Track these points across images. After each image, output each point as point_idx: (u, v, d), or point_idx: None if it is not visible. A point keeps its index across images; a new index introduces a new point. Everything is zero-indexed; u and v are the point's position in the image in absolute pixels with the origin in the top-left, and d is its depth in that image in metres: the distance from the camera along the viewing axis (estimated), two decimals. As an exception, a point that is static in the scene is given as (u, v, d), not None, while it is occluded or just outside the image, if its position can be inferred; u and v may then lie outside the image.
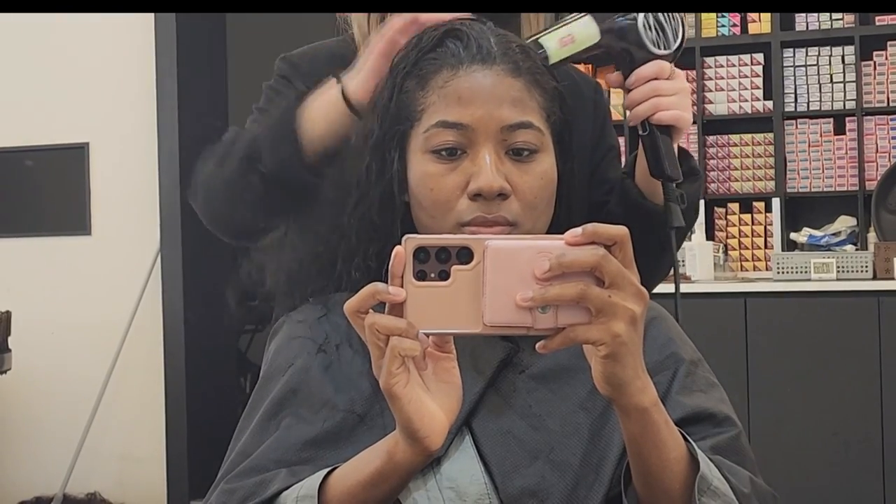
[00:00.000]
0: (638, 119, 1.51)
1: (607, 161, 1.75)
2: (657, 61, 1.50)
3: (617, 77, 1.53)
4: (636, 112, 1.50)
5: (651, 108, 1.49)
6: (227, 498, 1.23)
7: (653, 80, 1.49)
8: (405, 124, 1.30)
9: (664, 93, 1.49)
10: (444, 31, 1.32)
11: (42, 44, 5.16)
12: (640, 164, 1.57)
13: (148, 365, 5.02)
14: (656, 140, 1.51)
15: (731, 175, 5.15)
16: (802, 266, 4.59)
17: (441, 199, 1.27)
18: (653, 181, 1.54)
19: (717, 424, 1.26)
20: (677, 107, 1.50)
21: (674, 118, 1.50)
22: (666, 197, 1.53)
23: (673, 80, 1.51)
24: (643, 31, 1.47)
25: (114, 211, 5.11)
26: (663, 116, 1.49)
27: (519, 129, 1.26)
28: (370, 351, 1.06)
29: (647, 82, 1.49)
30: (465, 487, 1.21)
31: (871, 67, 4.97)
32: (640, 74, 1.49)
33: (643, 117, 1.50)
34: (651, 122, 1.50)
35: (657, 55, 1.50)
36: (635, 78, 1.50)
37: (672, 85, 1.50)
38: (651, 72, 1.49)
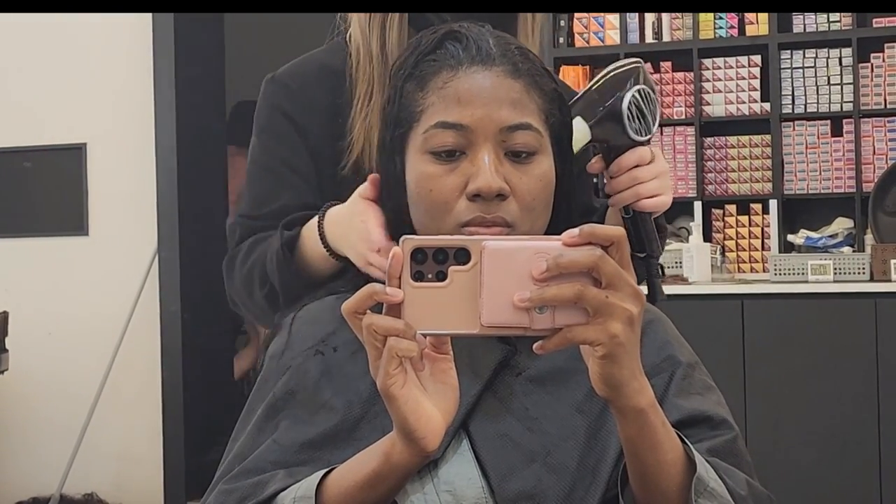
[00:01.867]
0: (620, 205, 1.54)
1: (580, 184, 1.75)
2: (637, 149, 1.51)
3: (598, 164, 1.55)
4: (618, 198, 1.53)
5: (633, 195, 1.52)
6: (225, 498, 1.23)
7: (633, 168, 1.52)
8: (405, 125, 1.30)
9: (645, 179, 1.52)
10: (443, 33, 1.32)
11: (40, 44, 5.16)
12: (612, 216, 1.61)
13: (145, 365, 5.01)
14: (638, 224, 1.54)
15: (728, 177, 5.16)
16: (799, 268, 4.59)
17: (440, 199, 1.27)
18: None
19: (714, 427, 1.26)
20: (658, 191, 1.53)
21: (654, 205, 1.53)
22: (648, 273, 1.56)
23: (653, 163, 1.53)
24: (627, 122, 1.49)
25: (111, 211, 5.10)
26: (646, 204, 1.52)
27: (518, 131, 1.26)
28: (367, 352, 1.06)
29: (629, 171, 1.52)
30: (461, 490, 1.21)
31: (868, 69, 4.97)
32: (622, 164, 1.52)
33: (625, 203, 1.53)
34: (633, 209, 1.53)
35: (638, 142, 1.51)
36: (617, 167, 1.52)
37: (652, 169, 1.52)
38: (632, 161, 1.51)
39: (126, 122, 5.07)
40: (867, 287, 4.44)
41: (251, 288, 1.64)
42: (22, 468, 5.15)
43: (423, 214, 1.29)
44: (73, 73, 5.12)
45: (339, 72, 1.65)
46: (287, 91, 1.68)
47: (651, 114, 1.51)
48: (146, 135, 5.02)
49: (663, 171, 1.55)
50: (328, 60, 1.69)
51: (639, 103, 1.49)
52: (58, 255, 5.15)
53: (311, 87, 1.67)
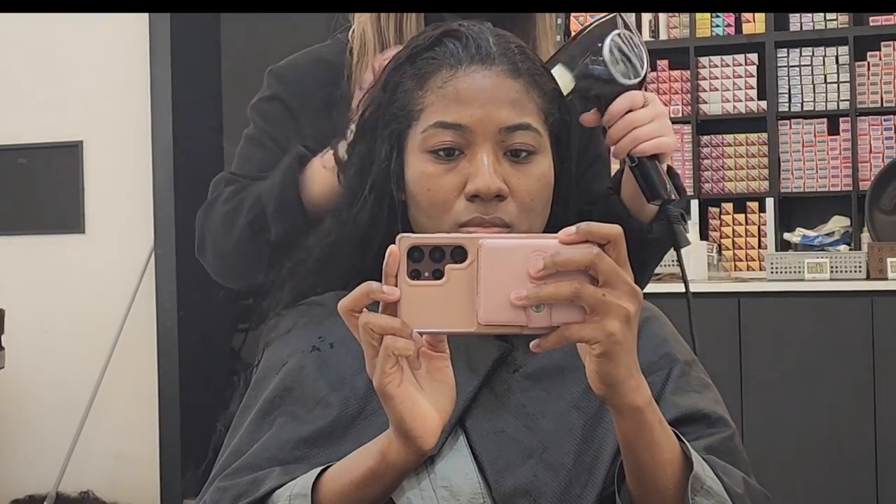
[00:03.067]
0: (621, 154, 1.51)
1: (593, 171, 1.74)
2: (628, 94, 1.49)
3: (593, 116, 1.52)
4: (618, 148, 1.50)
5: (631, 141, 1.49)
6: (220, 496, 1.22)
7: (627, 112, 1.49)
8: (403, 123, 1.30)
9: (641, 123, 1.49)
10: (443, 30, 1.31)
11: (37, 42, 5.15)
12: (627, 182, 1.57)
13: (141, 363, 5.01)
14: (646, 169, 1.50)
15: (724, 175, 5.16)
16: (796, 266, 4.59)
17: (438, 199, 1.26)
18: (639, 198, 1.54)
19: (711, 425, 1.26)
20: (657, 133, 1.50)
21: (656, 146, 1.49)
22: (668, 220, 1.53)
23: (648, 107, 1.50)
24: (612, 66, 1.47)
25: (108, 209, 5.10)
26: (645, 147, 1.49)
27: (517, 131, 1.26)
28: (364, 350, 1.06)
29: (623, 117, 1.49)
30: (458, 486, 1.21)
31: (864, 68, 4.98)
32: (614, 111, 1.49)
33: (625, 152, 1.50)
34: (635, 154, 1.50)
35: (627, 86, 1.49)
36: (610, 115, 1.50)
37: (647, 113, 1.50)
38: (624, 105, 1.49)
39: (123, 120, 5.07)
40: (864, 285, 4.44)
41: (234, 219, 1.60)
42: (18, 466, 5.15)
43: (422, 214, 1.29)
44: (70, 71, 5.11)
45: (337, 66, 1.65)
46: (284, 81, 1.69)
47: (637, 56, 1.49)
48: (143, 132, 5.02)
49: (660, 112, 1.51)
50: (327, 55, 1.69)
51: (620, 47, 1.48)
52: (54, 252, 5.15)
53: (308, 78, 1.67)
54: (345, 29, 1.71)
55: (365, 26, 1.65)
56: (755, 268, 5.09)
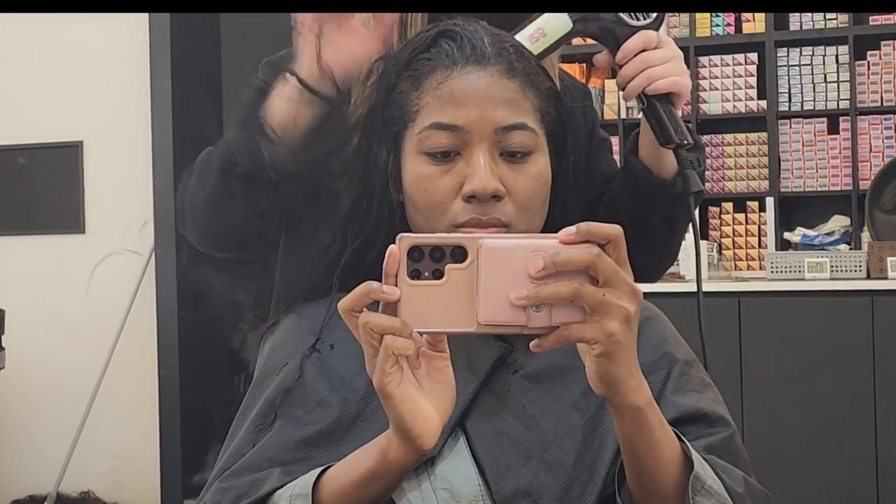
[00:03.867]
0: (634, 94, 1.48)
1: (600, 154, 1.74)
2: (642, 32, 1.47)
3: (605, 57, 1.50)
4: (631, 87, 1.48)
5: (645, 80, 1.47)
6: (221, 497, 1.22)
7: (641, 51, 1.47)
8: (399, 125, 1.30)
9: (655, 62, 1.47)
10: (438, 31, 1.31)
11: (36, 42, 5.15)
12: (644, 139, 1.55)
13: (142, 364, 5.01)
14: (657, 110, 1.48)
15: (724, 174, 5.16)
16: (796, 265, 4.59)
17: (435, 200, 1.26)
18: (658, 154, 1.52)
19: (711, 424, 1.26)
20: (672, 73, 1.48)
21: (671, 84, 1.47)
22: (680, 164, 1.50)
23: (663, 48, 1.48)
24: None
25: (108, 209, 5.10)
26: (660, 85, 1.47)
27: (513, 131, 1.26)
28: (364, 350, 1.06)
29: (636, 55, 1.47)
30: (458, 488, 1.21)
31: (864, 67, 4.98)
32: (628, 49, 1.47)
33: (638, 90, 1.48)
34: (648, 93, 1.47)
35: (638, 27, 1.47)
36: (623, 53, 1.47)
37: (663, 53, 1.48)
38: (638, 44, 1.47)
39: (123, 120, 5.07)
40: (864, 285, 4.44)
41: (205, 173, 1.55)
42: (19, 466, 5.15)
43: (419, 215, 1.29)
44: (70, 71, 5.11)
45: None
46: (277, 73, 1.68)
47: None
48: (143, 133, 5.02)
49: (675, 55, 1.49)
50: None
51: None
52: (54, 252, 5.15)
53: None
54: None
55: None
56: (755, 267, 5.08)
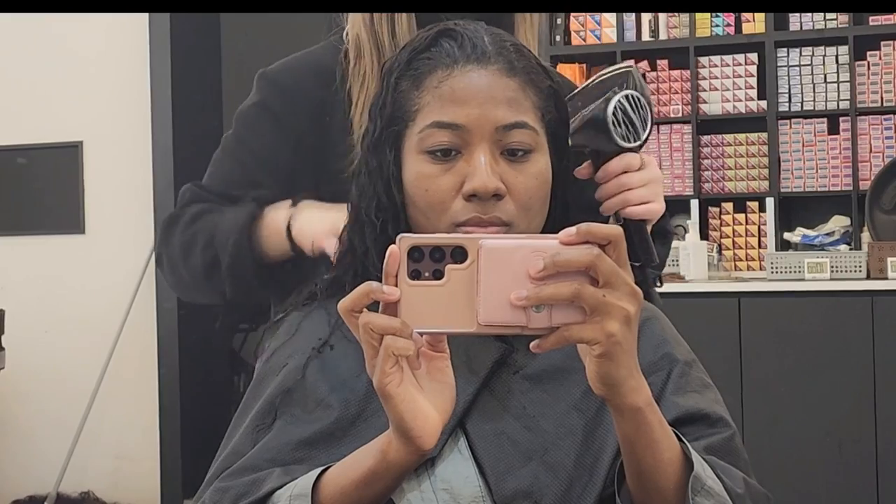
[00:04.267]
0: (609, 212, 1.52)
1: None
2: (625, 156, 1.49)
3: (587, 169, 1.52)
4: (607, 206, 1.51)
5: (620, 202, 1.50)
6: (221, 497, 1.22)
7: (621, 174, 1.49)
8: (400, 124, 1.30)
9: (633, 186, 1.49)
10: (438, 30, 1.31)
11: (36, 42, 5.15)
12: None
13: (142, 364, 5.01)
14: (630, 232, 1.48)
15: (725, 175, 5.16)
16: (796, 266, 4.59)
17: (436, 199, 1.26)
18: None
19: (711, 425, 1.26)
20: (647, 198, 1.50)
21: (643, 212, 1.51)
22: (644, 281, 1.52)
23: (643, 170, 1.51)
24: (612, 128, 1.46)
25: (108, 210, 5.10)
26: (633, 211, 1.50)
27: (514, 130, 1.26)
28: (364, 350, 1.06)
29: (616, 177, 1.49)
30: (459, 488, 1.21)
31: (864, 67, 4.97)
32: (608, 170, 1.49)
33: (614, 211, 1.51)
34: (622, 215, 1.51)
35: (626, 149, 1.49)
36: (604, 173, 1.50)
37: (641, 176, 1.50)
38: (619, 167, 1.49)
39: (123, 121, 5.07)
40: (864, 285, 4.44)
41: (191, 251, 1.63)
42: (19, 466, 5.15)
43: (420, 214, 1.29)
44: (70, 72, 5.11)
45: (330, 70, 1.66)
46: (273, 86, 1.69)
47: (640, 119, 1.48)
48: (143, 133, 5.02)
49: (654, 178, 1.52)
50: (320, 58, 1.69)
51: (625, 108, 1.46)
52: (54, 253, 5.15)
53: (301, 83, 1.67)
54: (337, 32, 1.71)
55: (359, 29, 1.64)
56: (755, 267, 5.08)
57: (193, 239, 1.63)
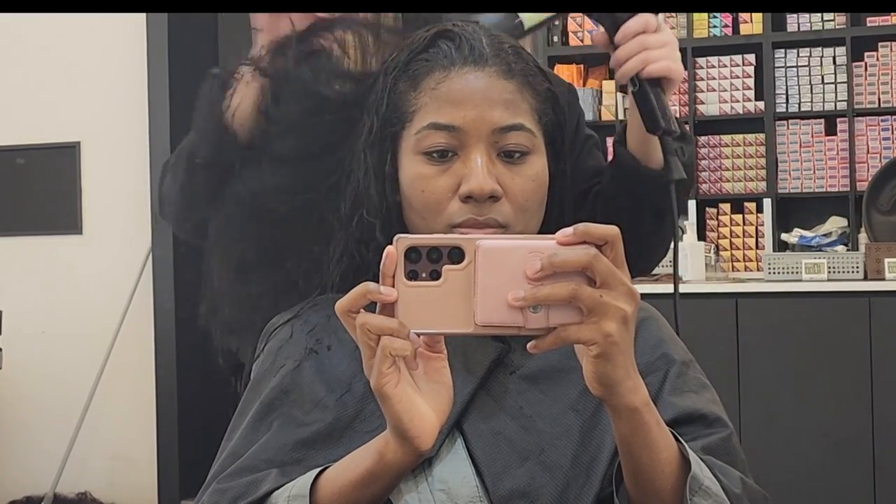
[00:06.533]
0: (628, 75, 1.49)
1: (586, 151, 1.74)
2: (642, 14, 1.48)
3: (602, 35, 1.51)
4: (626, 68, 1.49)
5: (640, 62, 1.48)
6: (219, 498, 1.22)
7: (640, 34, 1.48)
8: (397, 125, 1.30)
9: (652, 46, 1.48)
10: (436, 31, 1.32)
11: (34, 43, 5.15)
12: (632, 129, 1.56)
13: (139, 364, 5.01)
14: (648, 94, 1.49)
15: (722, 175, 5.16)
16: (793, 267, 4.59)
17: (432, 200, 1.26)
18: (646, 145, 1.53)
19: (709, 425, 1.26)
20: (667, 58, 1.49)
21: (665, 69, 1.48)
22: (664, 150, 1.51)
23: (660, 33, 1.50)
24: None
25: (105, 210, 5.10)
26: (654, 69, 1.48)
27: (511, 132, 1.26)
28: (361, 350, 1.06)
29: (634, 37, 1.48)
30: (456, 489, 1.21)
31: (862, 68, 4.98)
32: (627, 30, 1.48)
33: (633, 72, 1.49)
34: (641, 76, 1.48)
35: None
36: (622, 34, 1.48)
37: (659, 38, 1.49)
38: (637, 26, 1.48)
39: (121, 121, 5.07)
40: (861, 286, 4.44)
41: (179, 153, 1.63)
42: (16, 467, 5.15)
43: (416, 215, 1.29)
44: (68, 72, 5.11)
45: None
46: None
47: None
48: (141, 133, 5.02)
49: (671, 40, 1.51)
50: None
51: None
52: (52, 253, 5.15)
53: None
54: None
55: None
56: (753, 268, 5.09)
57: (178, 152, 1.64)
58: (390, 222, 1.31)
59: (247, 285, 1.52)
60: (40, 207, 5.19)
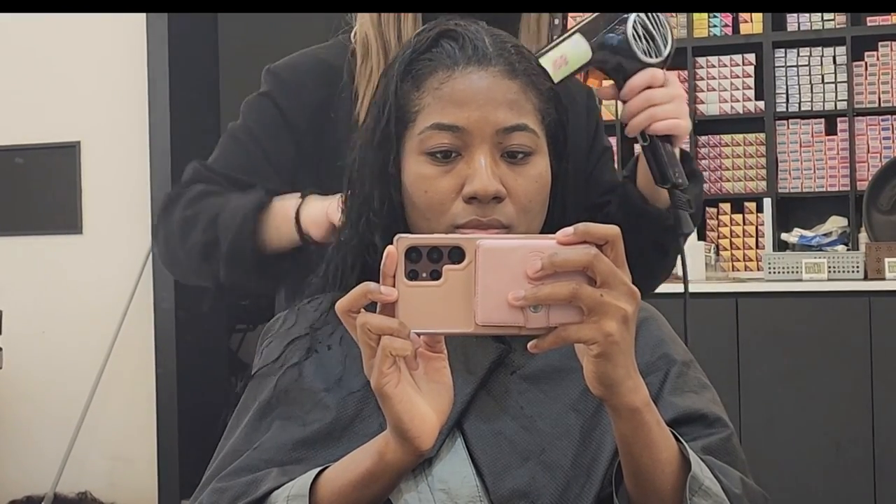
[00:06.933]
0: (635, 131, 1.50)
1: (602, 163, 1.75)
2: (649, 70, 1.49)
3: (610, 90, 1.52)
4: (633, 124, 1.49)
5: (647, 119, 1.49)
6: (218, 497, 1.22)
7: (646, 89, 1.49)
8: (400, 125, 1.30)
9: (658, 102, 1.48)
10: (439, 31, 1.31)
11: (34, 42, 5.15)
12: (642, 168, 1.57)
13: (139, 364, 5.01)
14: (657, 150, 1.49)
15: (722, 175, 5.16)
16: (794, 266, 4.59)
17: (435, 201, 1.26)
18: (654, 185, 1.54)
19: (709, 425, 1.26)
20: (673, 114, 1.49)
21: (669, 127, 1.49)
22: (674, 204, 1.52)
23: (667, 87, 1.50)
24: (633, 42, 1.47)
25: (105, 209, 5.10)
26: (659, 126, 1.48)
27: (514, 132, 1.26)
28: (362, 350, 1.06)
29: (641, 92, 1.49)
30: (456, 489, 1.21)
31: (862, 68, 4.98)
32: (633, 85, 1.49)
33: (639, 129, 1.49)
34: (648, 132, 1.49)
35: (648, 64, 1.49)
36: (628, 89, 1.49)
37: (666, 92, 1.50)
38: (643, 81, 1.49)
39: (120, 120, 5.06)
40: (861, 286, 4.44)
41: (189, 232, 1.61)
42: (16, 467, 5.15)
43: (418, 215, 1.29)
44: (68, 71, 5.11)
45: (336, 67, 1.66)
46: (279, 81, 1.69)
47: (661, 36, 1.48)
48: (140, 133, 5.02)
49: (678, 95, 1.51)
50: (326, 56, 1.70)
51: (645, 24, 1.47)
52: (52, 253, 5.15)
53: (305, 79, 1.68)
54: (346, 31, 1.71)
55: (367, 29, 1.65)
56: (753, 268, 5.09)
57: (195, 217, 1.61)
58: (393, 223, 1.31)
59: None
60: (40, 207, 5.19)
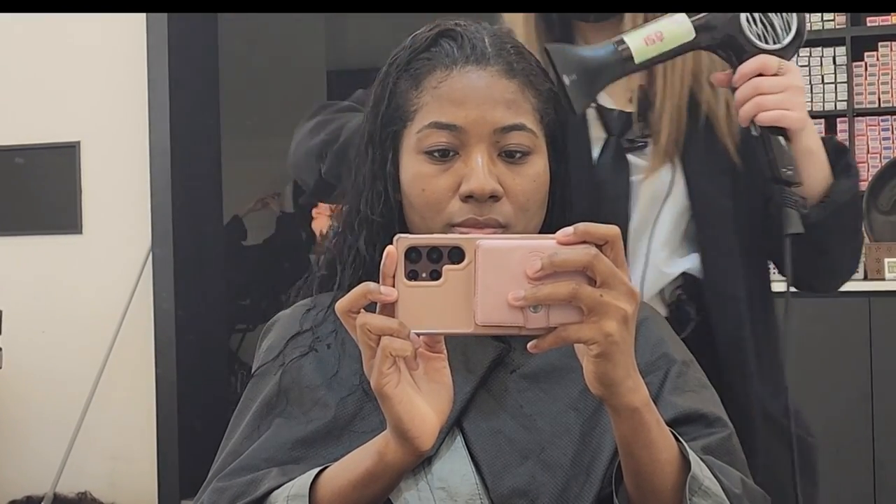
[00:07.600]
0: (744, 120, 1.43)
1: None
2: (759, 56, 1.41)
3: (724, 76, 1.46)
4: (741, 114, 1.43)
5: (753, 108, 1.41)
6: (218, 497, 1.23)
7: (755, 77, 1.41)
8: (398, 124, 1.30)
9: (766, 91, 1.40)
10: (439, 31, 1.31)
11: (34, 42, 5.15)
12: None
13: (139, 364, 5.01)
14: (767, 142, 1.42)
15: (722, 175, 5.16)
16: (793, 266, 4.58)
17: (433, 199, 1.26)
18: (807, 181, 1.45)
19: (709, 425, 1.26)
20: (782, 106, 1.41)
21: (775, 118, 1.41)
22: (782, 201, 1.42)
23: (781, 76, 1.42)
24: (746, 25, 1.39)
25: (105, 210, 5.10)
26: (765, 117, 1.40)
27: (512, 132, 1.26)
28: (361, 350, 1.06)
29: (749, 80, 1.41)
30: (456, 487, 1.21)
31: (862, 68, 4.98)
32: (742, 72, 1.42)
33: (748, 118, 1.42)
34: (757, 122, 1.41)
35: (763, 50, 1.41)
36: (739, 76, 1.42)
37: (777, 82, 1.41)
38: (752, 68, 1.41)
39: (120, 121, 5.06)
40: (861, 286, 4.43)
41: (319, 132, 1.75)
42: (16, 467, 5.14)
43: (416, 214, 1.29)
44: (68, 71, 5.11)
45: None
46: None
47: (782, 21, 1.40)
48: (140, 133, 5.02)
49: (791, 85, 1.42)
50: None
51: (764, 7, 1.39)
52: (51, 253, 5.14)
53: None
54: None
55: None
56: (753, 268, 5.08)
57: (329, 121, 1.74)
58: (391, 221, 1.31)
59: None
60: (40, 207, 5.19)
